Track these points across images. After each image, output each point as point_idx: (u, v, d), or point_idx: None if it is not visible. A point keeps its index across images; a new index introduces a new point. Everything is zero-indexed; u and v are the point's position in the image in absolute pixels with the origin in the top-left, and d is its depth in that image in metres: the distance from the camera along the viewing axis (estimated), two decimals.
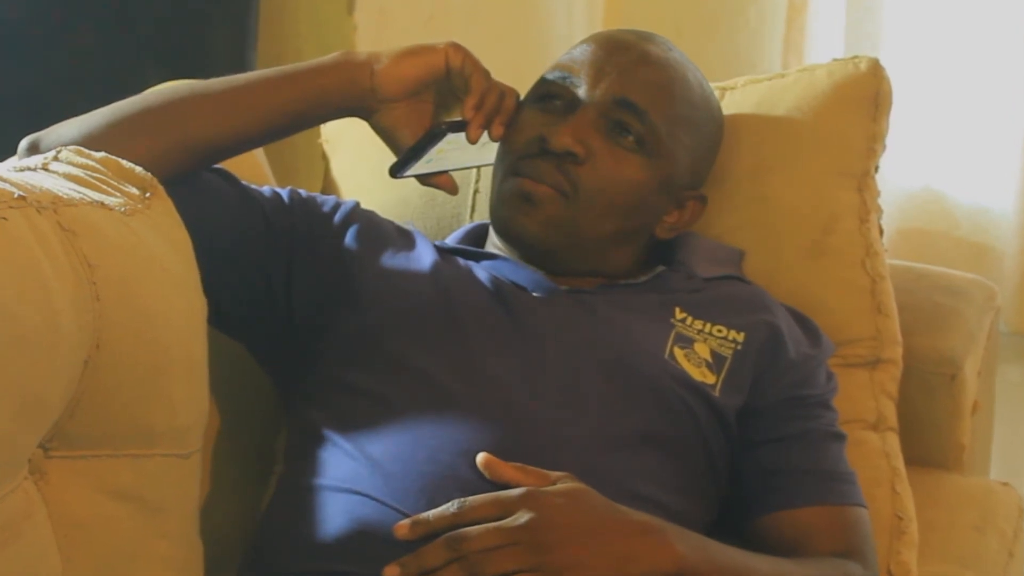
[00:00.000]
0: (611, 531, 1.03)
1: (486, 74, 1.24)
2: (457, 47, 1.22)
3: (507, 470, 1.07)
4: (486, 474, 1.07)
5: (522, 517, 1.01)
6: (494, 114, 1.23)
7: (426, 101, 1.24)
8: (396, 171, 1.24)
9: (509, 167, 1.25)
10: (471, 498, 1.03)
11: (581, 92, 1.25)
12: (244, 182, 1.27)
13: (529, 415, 1.12)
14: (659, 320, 1.23)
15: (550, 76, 1.28)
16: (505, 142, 1.26)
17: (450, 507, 1.04)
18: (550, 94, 1.26)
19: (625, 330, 1.21)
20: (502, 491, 1.04)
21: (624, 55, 1.26)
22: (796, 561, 1.14)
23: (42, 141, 1.17)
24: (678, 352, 1.21)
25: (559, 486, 1.05)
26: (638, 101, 1.24)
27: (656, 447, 1.15)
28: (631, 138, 1.24)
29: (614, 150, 1.24)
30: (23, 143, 1.18)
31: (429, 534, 1.03)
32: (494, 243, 1.32)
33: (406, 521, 1.04)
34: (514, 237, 1.25)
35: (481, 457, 1.08)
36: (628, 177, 1.24)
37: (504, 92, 1.25)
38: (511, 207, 1.24)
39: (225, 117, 1.20)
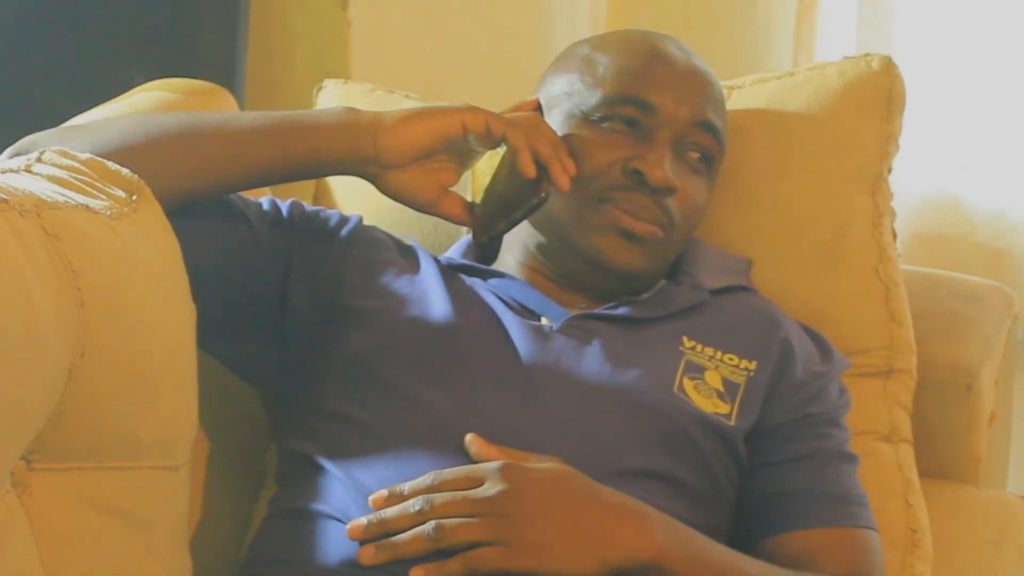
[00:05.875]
0: (588, 510, 1.00)
1: (513, 124, 1.14)
2: (475, 111, 1.13)
3: (491, 450, 1.05)
4: (470, 451, 1.06)
5: (492, 488, 0.99)
6: (556, 156, 1.15)
7: (441, 161, 1.16)
8: (484, 236, 1.18)
9: (596, 194, 1.20)
10: (447, 470, 1.02)
11: (656, 116, 1.20)
12: (239, 195, 1.22)
13: (527, 448, 1.08)
14: (668, 349, 1.19)
15: (608, 97, 1.21)
16: (577, 166, 1.19)
17: (425, 479, 1.02)
18: (613, 114, 1.21)
19: (633, 362, 1.17)
20: (480, 464, 1.02)
21: (694, 76, 1.24)
22: (793, 572, 1.11)
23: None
24: (688, 384, 1.17)
25: (541, 464, 1.03)
26: (716, 122, 1.23)
27: (663, 483, 1.12)
28: (701, 159, 1.23)
29: (692, 176, 1.23)
30: (5, 154, 1.14)
31: None
32: (516, 257, 1.28)
33: (383, 491, 1.03)
34: (612, 270, 1.21)
35: (469, 436, 1.06)
36: (703, 201, 1.25)
37: (537, 127, 1.16)
38: (609, 240, 1.19)
39: (213, 168, 1.14)
